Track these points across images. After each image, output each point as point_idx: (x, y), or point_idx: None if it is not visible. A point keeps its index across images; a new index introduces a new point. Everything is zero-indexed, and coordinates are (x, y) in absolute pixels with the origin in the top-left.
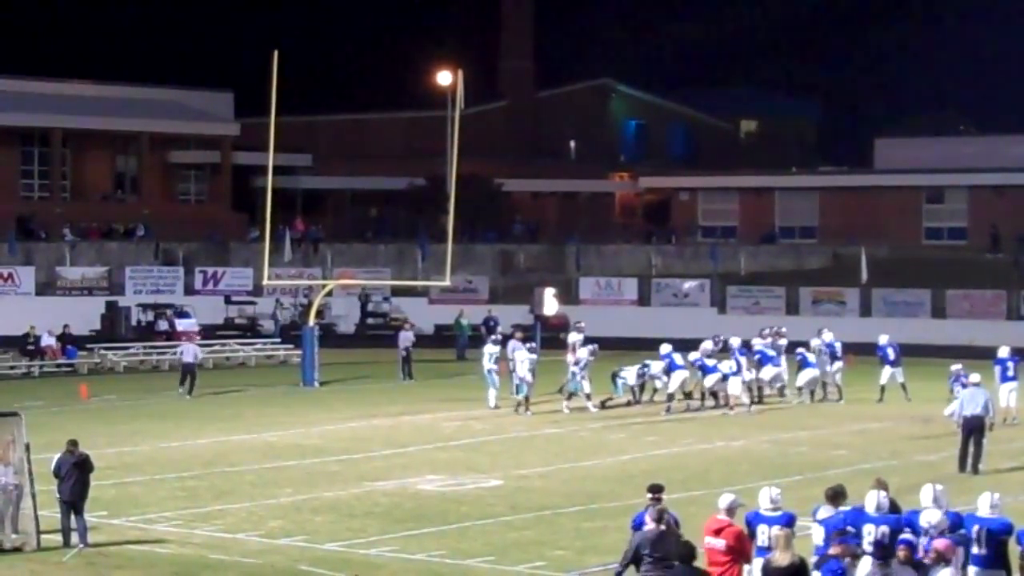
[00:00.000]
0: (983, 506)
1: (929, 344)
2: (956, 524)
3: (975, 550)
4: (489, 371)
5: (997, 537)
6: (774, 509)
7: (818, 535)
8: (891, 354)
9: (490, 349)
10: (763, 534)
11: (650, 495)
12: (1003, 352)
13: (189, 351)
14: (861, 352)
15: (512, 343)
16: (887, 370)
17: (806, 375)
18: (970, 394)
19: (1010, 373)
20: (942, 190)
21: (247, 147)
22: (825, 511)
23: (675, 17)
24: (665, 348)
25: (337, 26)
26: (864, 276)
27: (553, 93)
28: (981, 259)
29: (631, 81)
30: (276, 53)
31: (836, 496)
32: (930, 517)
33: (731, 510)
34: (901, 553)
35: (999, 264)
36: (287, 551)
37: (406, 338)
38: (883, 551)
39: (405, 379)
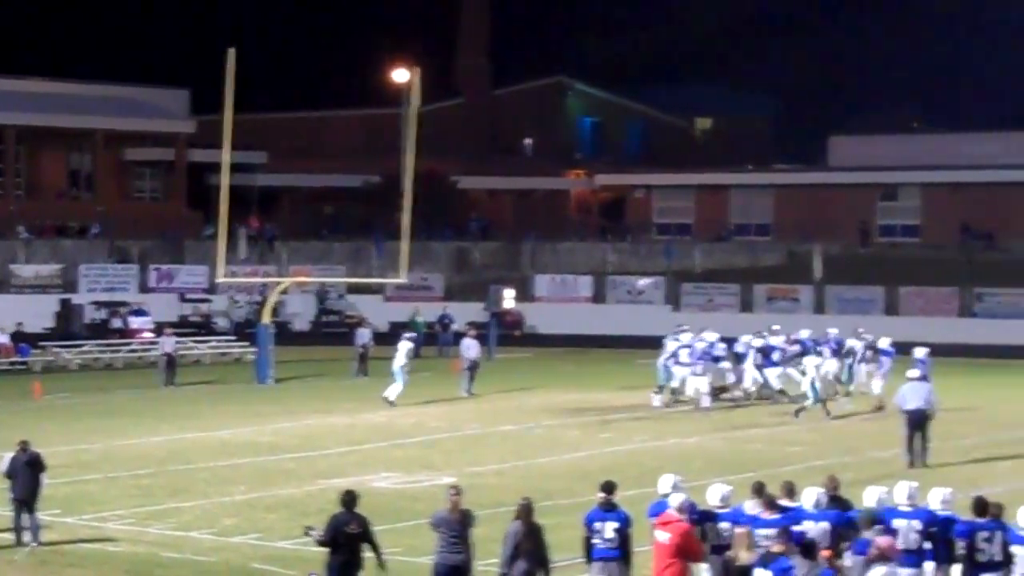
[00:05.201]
0: (934, 502)
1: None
2: (931, 522)
3: (928, 545)
4: (400, 367)
5: (946, 534)
6: (724, 506)
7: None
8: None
9: (406, 346)
10: (712, 531)
11: (602, 493)
12: (884, 343)
13: (168, 343)
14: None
15: (465, 340)
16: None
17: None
18: (911, 388)
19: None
20: (896, 188)
21: (202, 144)
22: (751, 507)
23: (631, 15)
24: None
25: (293, 23)
26: (818, 273)
27: (509, 91)
28: (934, 256)
29: (587, 79)
30: (232, 50)
31: (762, 491)
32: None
33: (682, 508)
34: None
35: (952, 261)
36: (241, 549)
37: (363, 335)
38: (811, 549)
39: (359, 376)
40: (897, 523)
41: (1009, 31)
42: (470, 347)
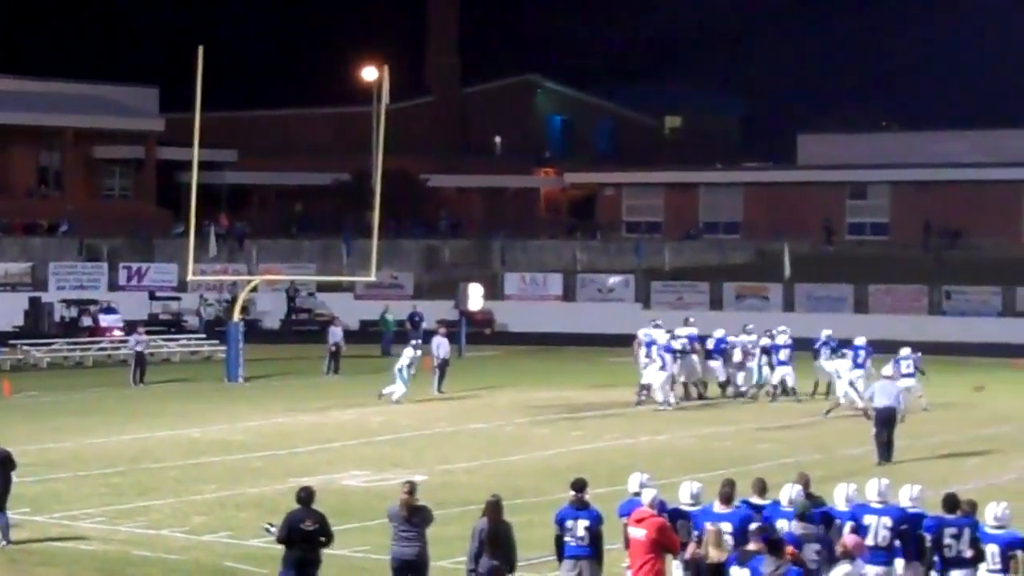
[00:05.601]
0: (904, 499)
1: (852, 339)
2: (901, 519)
3: (899, 542)
4: (400, 369)
5: (916, 531)
6: (695, 504)
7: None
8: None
9: (410, 353)
10: (683, 529)
11: (573, 491)
12: (859, 340)
13: (140, 341)
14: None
15: (436, 338)
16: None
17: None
18: (881, 386)
19: (860, 360)
20: (865, 186)
21: (172, 142)
22: (720, 507)
23: (600, 14)
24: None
25: (262, 21)
26: (787, 271)
27: (479, 89)
28: (903, 254)
29: (556, 77)
30: (201, 48)
31: (732, 491)
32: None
33: (654, 503)
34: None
35: (921, 259)
36: (211, 547)
37: (335, 334)
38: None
39: (329, 374)
40: (868, 520)
41: (977, 31)
42: (440, 345)
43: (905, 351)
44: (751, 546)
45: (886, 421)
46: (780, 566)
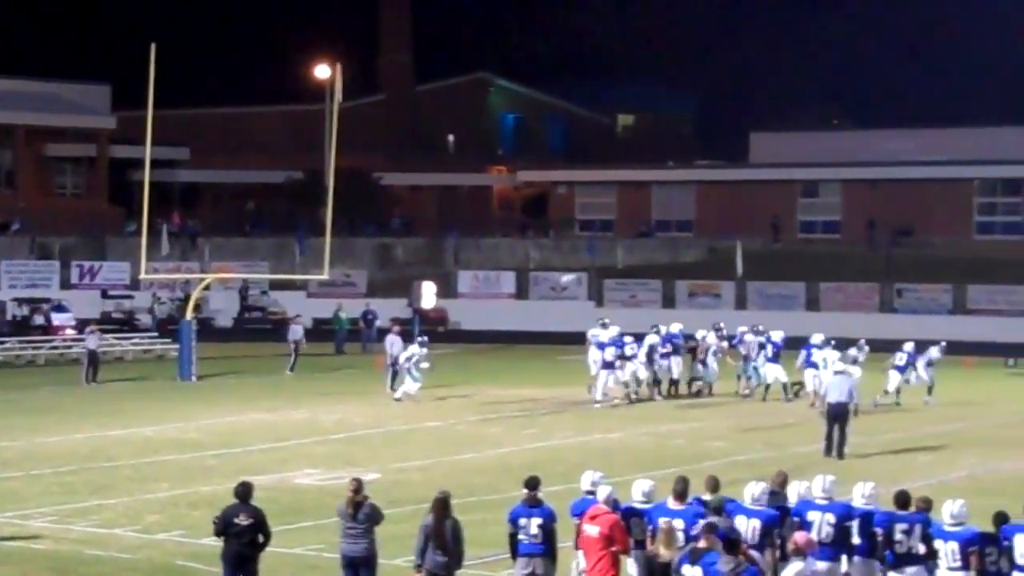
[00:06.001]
0: (857, 496)
1: (804, 336)
2: (846, 515)
3: (853, 540)
4: (408, 369)
5: (870, 527)
6: (647, 501)
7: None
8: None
9: (415, 349)
10: (636, 527)
11: (526, 489)
12: (816, 339)
13: (92, 339)
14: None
15: (389, 337)
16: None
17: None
18: (834, 382)
19: (813, 358)
20: (816, 184)
21: (124, 140)
22: (673, 504)
23: (553, 12)
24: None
25: (215, 19)
26: (739, 269)
27: (431, 87)
28: (855, 252)
29: (509, 75)
30: (153, 46)
31: (686, 488)
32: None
33: (608, 501)
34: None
35: (872, 257)
36: (164, 546)
37: (295, 332)
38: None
39: (291, 372)
40: (811, 516)
41: (926, 30)
42: (394, 344)
43: (909, 346)
44: (701, 543)
45: (837, 416)
46: (738, 565)
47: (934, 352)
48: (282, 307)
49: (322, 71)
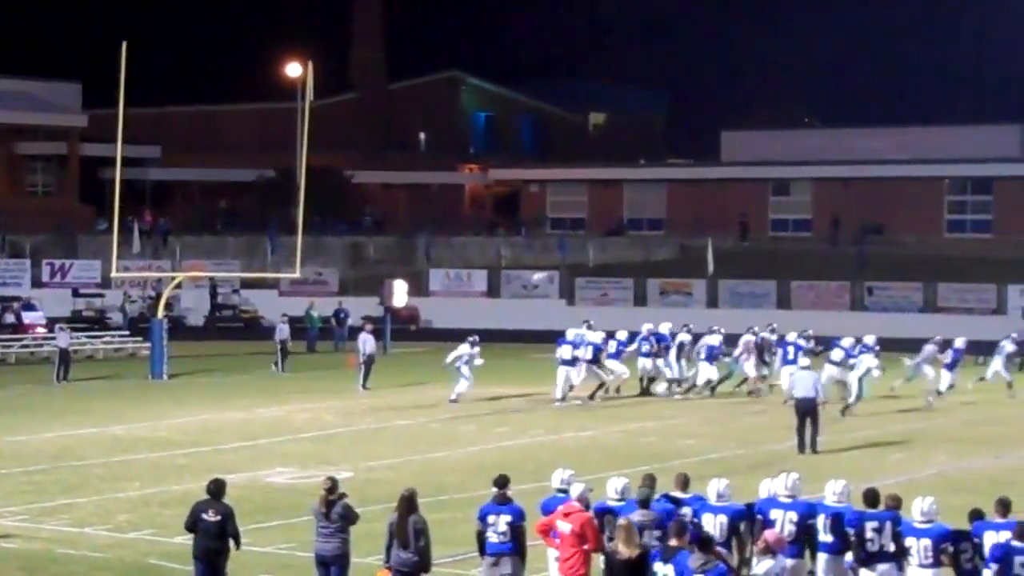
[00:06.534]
0: (828, 494)
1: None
2: (808, 513)
3: (823, 538)
4: (458, 367)
5: (843, 525)
6: (619, 499)
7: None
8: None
9: (466, 348)
10: (610, 524)
11: (495, 488)
12: (791, 336)
13: (63, 337)
14: None
15: (362, 335)
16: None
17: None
18: (800, 377)
19: (790, 357)
20: (787, 182)
21: (95, 138)
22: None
23: (525, 10)
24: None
25: (186, 17)
26: (711, 268)
27: (403, 85)
28: (826, 250)
29: (481, 73)
30: (124, 44)
31: (653, 486)
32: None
33: (582, 499)
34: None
35: (843, 255)
36: (136, 545)
37: (282, 331)
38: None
39: (279, 371)
40: (774, 514)
41: (898, 29)
42: (366, 342)
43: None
44: (672, 541)
45: (806, 412)
46: (708, 561)
47: (1008, 346)
48: (253, 306)
49: (294, 69)
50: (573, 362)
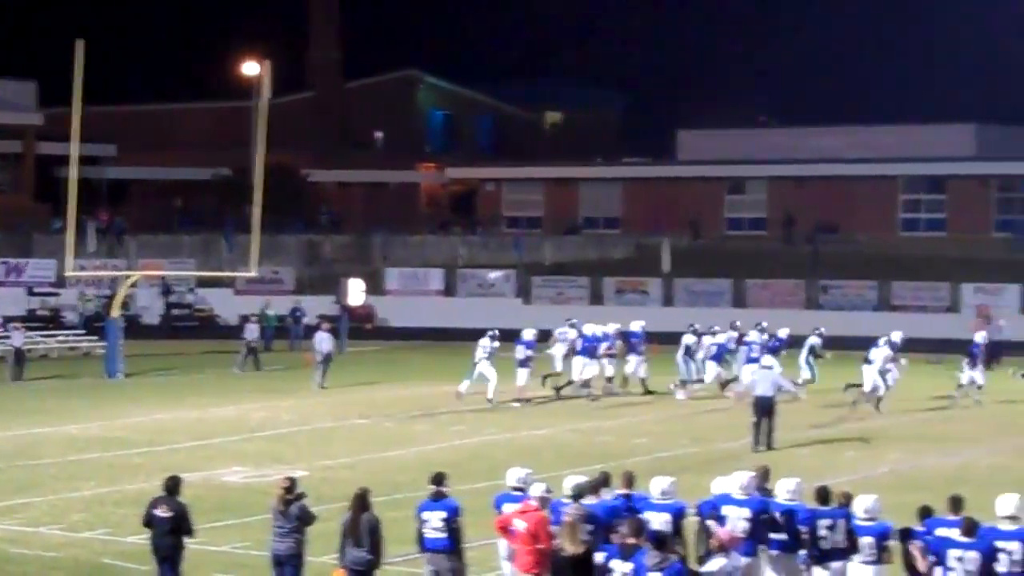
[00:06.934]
0: (781, 491)
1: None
2: (761, 510)
3: (774, 535)
4: (475, 364)
5: (793, 523)
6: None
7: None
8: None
9: (485, 343)
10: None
11: (432, 485)
12: (752, 335)
13: (18, 336)
14: (665, 341)
15: (319, 334)
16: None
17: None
18: (761, 376)
19: (754, 355)
20: (743, 181)
21: (51, 137)
22: (591, 498)
23: (481, 8)
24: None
25: (142, 15)
26: (666, 266)
27: (360, 84)
28: (781, 249)
29: (438, 72)
30: (80, 42)
31: (602, 484)
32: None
33: (540, 498)
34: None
35: (798, 254)
36: (90, 544)
37: (251, 330)
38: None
39: (246, 369)
40: (726, 511)
41: (852, 28)
42: (323, 341)
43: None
44: (630, 540)
45: (764, 409)
46: (664, 559)
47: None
48: (209, 304)
49: (250, 68)
50: (527, 362)
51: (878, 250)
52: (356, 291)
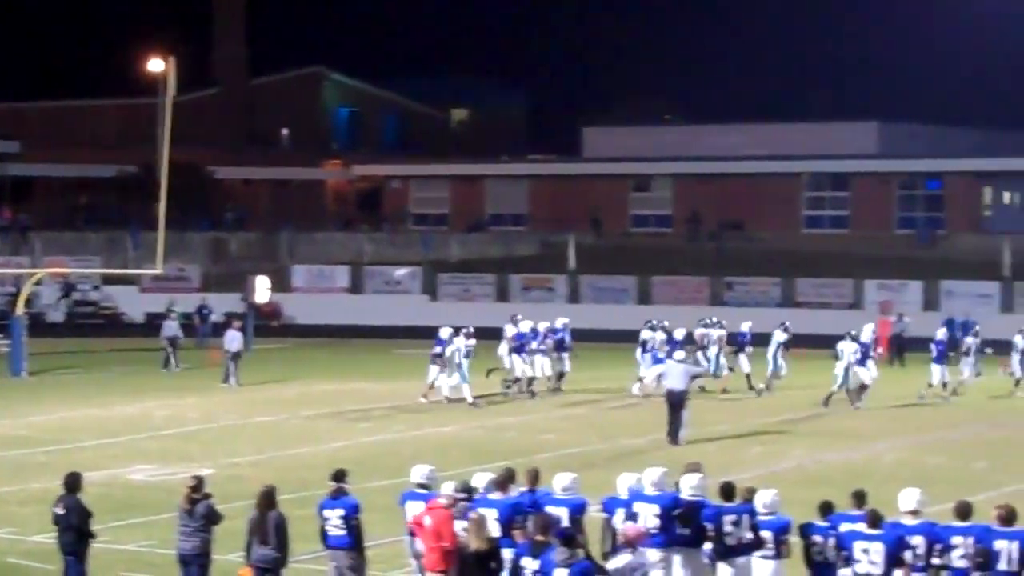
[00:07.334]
0: (684, 487)
1: (634, 330)
2: (671, 506)
3: (679, 530)
4: (459, 364)
5: (698, 519)
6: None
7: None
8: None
9: (461, 342)
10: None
11: (332, 482)
12: (678, 334)
13: None
14: (577, 339)
15: (229, 332)
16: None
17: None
18: (671, 369)
19: (661, 355)
20: (648, 178)
21: None
22: (496, 494)
23: (388, 5)
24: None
25: (47, 10)
26: (572, 263)
27: (266, 80)
28: (686, 246)
29: (344, 69)
30: None
31: (508, 480)
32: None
33: (447, 495)
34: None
35: (703, 251)
36: None
37: (169, 327)
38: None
39: (170, 367)
40: (637, 507)
41: (756, 26)
42: (234, 339)
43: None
44: (538, 536)
45: (675, 403)
46: (572, 556)
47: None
48: (114, 301)
49: (156, 64)
50: (439, 359)
51: (782, 247)
52: (262, 288)
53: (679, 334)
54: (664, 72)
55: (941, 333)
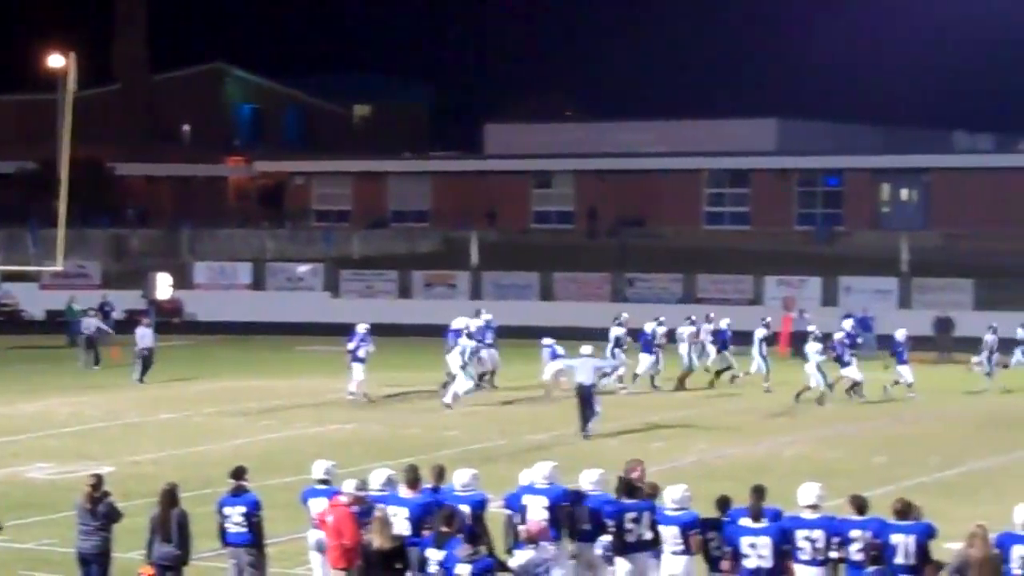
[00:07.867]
0: (584, 483)
1: (537, 326)
2: (560, 500)
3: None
4: (463, 366)
5: (599, 516)
6: (382, 490)
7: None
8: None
9: (465, 343)
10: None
11: (232, 479)
12: (648, 326)
13: None
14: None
15: (140, 329)
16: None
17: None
18: (579, 365)
19: (651, 347)
20: (549, 175)
21: None
22: (405, 491)
23: (289, 1)
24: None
25: None
26: (474, 260)
27: (167, 76)
28: (588, 243)
29: (246, 65)
30: None
31: (417, 476)
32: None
33: (348, 494)
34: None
35: (606, 247)
36: None
37: (88, 325)
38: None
39: (89, 366)
40: (526, 500)
41: (658, 24)
42: (145, 336)
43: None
44: (443, 528)
45: (583, 398)
46: (475, 552)
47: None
48: (14, 298)
49: (55, 60)
50: (356, 353)
51: (683, 243)
52: (163, 285)
53: (655, 329)
54: (566, 70)
55: (848, 325)
